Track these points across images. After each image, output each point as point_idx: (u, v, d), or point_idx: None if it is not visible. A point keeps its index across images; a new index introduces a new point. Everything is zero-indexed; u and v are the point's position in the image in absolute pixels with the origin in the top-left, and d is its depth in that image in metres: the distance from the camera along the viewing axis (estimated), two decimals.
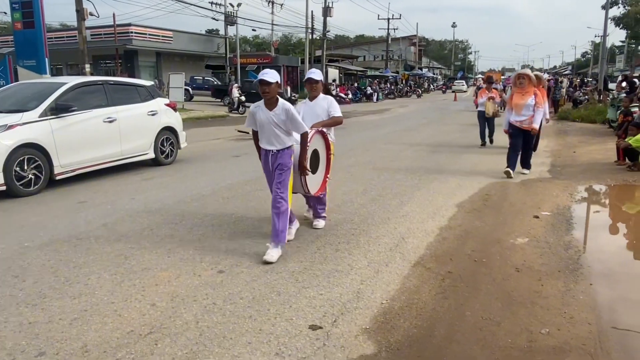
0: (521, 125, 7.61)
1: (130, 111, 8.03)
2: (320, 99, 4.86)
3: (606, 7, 24.17)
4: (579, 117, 17.53)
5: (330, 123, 4.83)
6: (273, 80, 4.09)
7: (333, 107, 4.82)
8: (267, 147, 4.23)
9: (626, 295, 3.67)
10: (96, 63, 33.22)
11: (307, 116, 4.76)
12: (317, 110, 4.83)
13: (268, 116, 4.13)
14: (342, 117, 4.94)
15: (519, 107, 7.55)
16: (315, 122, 4.70)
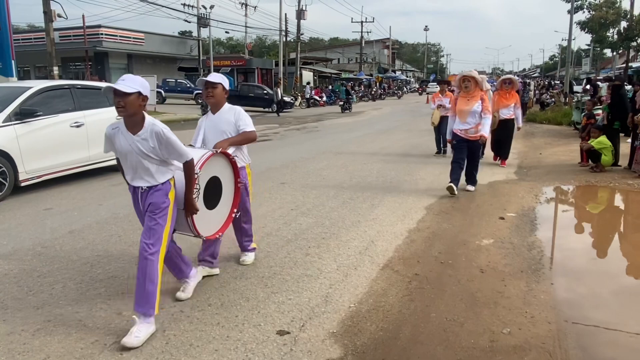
0: (466, 135, 6.65)
1: (99, 115, 7.89)
2: (225, 111, 3.87)
3: (571, 12, 24.90)
4: (545, 119, 18.00)
5: (240, 141, 3.82)
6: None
7: (243, 120, 3.83)
8: (133, 183, 3.10)
9: (585, 293, 3.81)
10: (65, 65, 32.51)
11: (209, 133, 3.83)
12: (222, 125, 3.81)
13: (131, 142, 2.95)
14: (256, 133, 3.92)
15: (463, 113, 6.60)
16: (219, 141, 3.71)
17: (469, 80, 6.63)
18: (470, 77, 6.66)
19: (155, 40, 36.32)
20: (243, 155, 3.99)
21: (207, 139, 3.85)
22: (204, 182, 3.38)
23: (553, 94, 24.87)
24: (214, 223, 3.58)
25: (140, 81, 2.91)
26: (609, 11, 26.96)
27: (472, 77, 6.65)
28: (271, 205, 6.15)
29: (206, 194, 3.42)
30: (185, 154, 3.05)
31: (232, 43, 67.75)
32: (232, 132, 3.82)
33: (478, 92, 6.63)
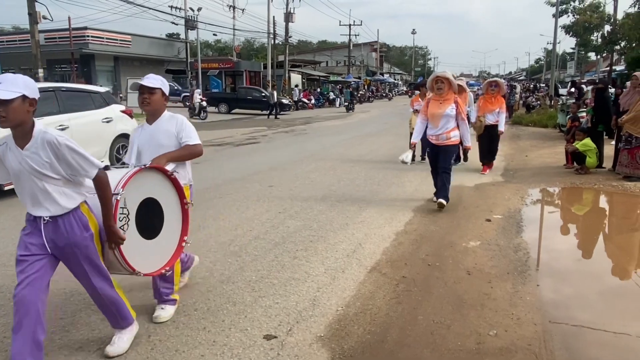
0: (437, 141, 6.09)
1: (84, 118, 7.82)
2: (164, 120, 3.25)
3: (556, 16, 25.24)
4: (531, 121, 18.19)
5: (182, 156, 3.23)
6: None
7: (186, 131, 3.23)
8: (34, 212, 2.47)
9: (570, 294, 3.84)
10: (51, 68, 32.11)
11: (145, 148, 3.23)
12: (160, 138, 3.20)
13: (20, 159, 2.37)
14: (202, 147, 3.32)
15: (435, 117, 5.99)
16: (156, 157, 3.08)
17: (442, 81, 6.00)
18: (443, 78, 6.02)
19: (143, 42, 36.07)
20: (185, 172, 3.34)
21: (142, 155, 3.21)
22: (135, 205, 2.73)
23: (539, 97, 25.16)
24: (157, 256, 2.96)
25: (24, 81, 2.36)
26: (593, 15, 27.36)
27: (445, 78, 6.02)
28: (259, 208, 6.13)
29: (140, 220, 2.77)
30: (92, 167, 2.42)
31: (220, 45, 67.54)
32: (172, 146, 3.18)
33: (452, 94, 6.04)
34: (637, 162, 7.66)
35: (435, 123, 6.03)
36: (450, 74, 6.18)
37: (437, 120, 6.01)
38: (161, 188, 2.99)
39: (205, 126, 19.24)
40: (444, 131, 6.00)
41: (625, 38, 25.53)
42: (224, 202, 6.44)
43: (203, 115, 22.17)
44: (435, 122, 6.02)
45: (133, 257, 2.68)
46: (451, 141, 6.06)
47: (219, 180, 7.84)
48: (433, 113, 6.02)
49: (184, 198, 3.13)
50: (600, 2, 28.23)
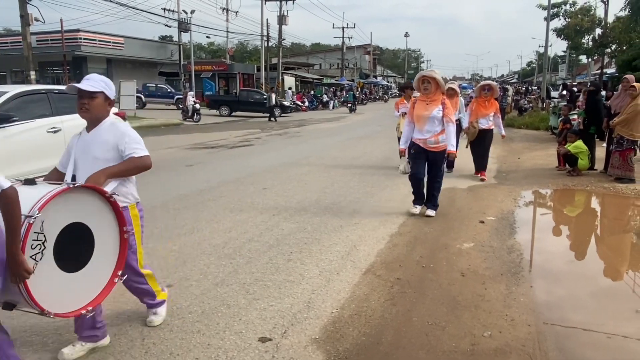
0: (425, 145, 5.71)
1: (77, 120, 7.59)
2: (103, 129, 2.77)
3: (547, 19, 25.44)
4: (523, 124, 18.32)
5: (124, 171, 2.75)
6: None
7: (129, 142, 2.75)
8: None
9: (564, 295, 3.86)
10: (43, 70, 31.93)
11: (80, 160, 2.78)
12: (95, 150, 2.74)
13: None
14: (149, 158, 2.82)
15: (421, 120, 5.65)
16: (93, 174, 2.61)
17: (428, 81, 5.61)
18: (430, 77, 5.62)
19: (135, 44, 35.97)
20: (128, 190, 2.85)
21: (77, 168, 2.78)
22: (56, 231, 2.28)
23: (530, 100, 25.33)
24: (80, 292, 2.46)
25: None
26: (584, 19, 27.60)
27: (432, 77, 5.61)
28: (253, 210, 6.12)
29: (61, 250, 2.31)
30: None
31: (213, 48, 67.46)
32: (109, 160, 2.72)
33: (439, 95, 5.68)
34: (629, 164, 7.73)
35: (421, 126, 5.68)
36: (438, 73, 5.73)
37: (423, 123, 5.65)
38: (94, 211, 2.50)
39: (198, 129, 19.20)
40: (432, 134, 5.64)
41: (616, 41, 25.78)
42: (217, 204, 6.43)
43: (196, 118, 22.11)
44: (422, 125, 5.67)
45: (44, 294, 2.20)
46: (441, 146, 5.70)
47: (213, 182, 7.82)
48: (419, 115, 5.66)
49: (125, 225, 2.64)
50: (591, 6, 28.50)
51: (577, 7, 28.39)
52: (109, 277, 2.63)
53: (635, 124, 7.60)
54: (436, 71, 5.78)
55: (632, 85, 7.67)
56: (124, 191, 2.81)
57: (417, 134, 5.75)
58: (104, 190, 2.54)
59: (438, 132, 5.65)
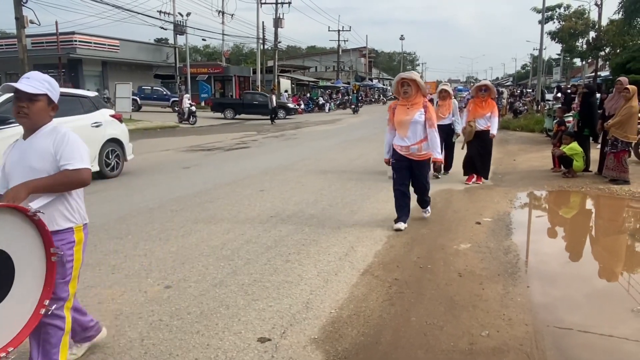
0: (407, 153, 5.31)
1: (73, 123, 7.73)
2: (41, 135, 2.39)
3: (542, 23, 25.61)
4: (519, 126, 18.42)
5: (56, 185, 2.32)
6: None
7: (66, 151, 2.34)
8: None
9: (560, 295, 3.89)
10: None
11: (14, 170, 2.39)
12: (32, 159, 2.35)
13: None
14: (88, 172, 2.38)
15: (402, 125, 5.26)
16: (15, 186, 2.23)
17: (408, 84, 5.21)
18: (409, 79, 5.21)
19: (131, 47, 35.88)
20: (70, 209, 2.40)
21: (10, 179, 2.37)
22: None
23: (525, 102, 25.47)
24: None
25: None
26: (578, 22, 27.79)
27: (412, 79, 5.22)
28: (250, 212, 6.13)
29: None
30: None
31: (209, 51, 67.45)
32: (47, 170, 2.32)
33: (420, 98, 5.30)
34: (623, 166, 7.79)
35: (403, 132, 5.26)
36: (417, 75, 5.38)
37: (405, 129, 5.24)
38: (13, 233, 2.10)
39: (194, 131, 19.19)
40: (415, 141, 5.23)
41: (610, 44, 25.96)
42: (215, 206, 6.43)
43: (192, 120, 22.10)
44: (404, 131, 5.25)
45: None
46: (424, 154, 5.34)
47: (210, 184, 7.82)
48: (400, 120, 5.26)
49: (51, 246, 2.23)
50: (585, 9, 28.71)
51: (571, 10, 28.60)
52: (33, 310, 2.22)
53: (629, 126, 7.66)
54: (415, 73, 5.44)
55: (625, 88, 7.73)
56: (61, 211, 2.36)
57: (399, 140, 5.32)
58: (24, 207, 2.11)
59: (421, 138, 5.26)
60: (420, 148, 5.28)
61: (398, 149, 5.32)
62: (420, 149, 5.28)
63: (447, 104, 8.50)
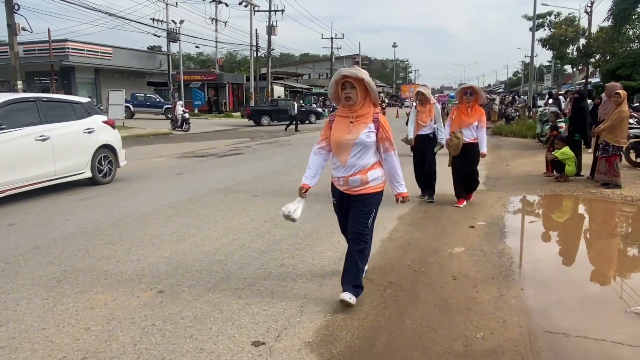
0: (346, 188, 3.60)
1: (65, 129, 7.73)
2: None
3: (533, 30, 25.87)
4: (511, 132, 18.52)
5: None
6: None
7: None
8: None
9: (554, 298, 3.89)
10: (30, 80, 31.65)
11: None
12: None
13: None
14: None
15: (341, 148, 3.53)
16: None
17: (352, 85, 3.44)
18: (354, 79, 3.42)
19: (124, 54, 35.81)
20: None
21: None
22: None
23: (517, 108, 25.67)
24: None
25: None
26: (569, 29, 28.13)
27: (357, 79, 3.41)
28: (244, 217, 6.11)
29: None
30: None
31: (202, 58, 67.52)
32: None
33: (370, 108, 3.53)
34: (615, 170, 7.85)
35: (342, 157, 3.51)
36: (365, 73, 3.48)
37: (344, 153, 3.49)
38: None
39: (187, 138, 19.14)
40: (357, 170, 3.48)
41: (600, 51, 26.26)
42: (208, 211, 6.40)
43: (185, 127, 22.06)
44: (343, 156, 3.51)
45: None
46: (370, 187, 3.52)
47: (203, 190, 7.80)
48: (338, 140, 3.50)
49: None
50: (575, 17, 29.08)
51: (562, 17, 28.96)
52: None
53: (620, 130, 7.73)
54: (363, 71, 3.49)
55: (616, 93, 7.81)
56: None
57: (337, 169, 3.58)
58: None
59: (367, 166, 3.49)
60: (364, 179, 3.48)
61: (336, 183, 3.66)
62: (364, 180, 3.48)
63: (428, 110, 7.00)
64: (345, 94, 3.48)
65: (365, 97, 3.51)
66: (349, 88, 3.46)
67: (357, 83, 3.45)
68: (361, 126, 3.49)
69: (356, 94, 3.47)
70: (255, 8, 37.04)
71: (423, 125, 7.00)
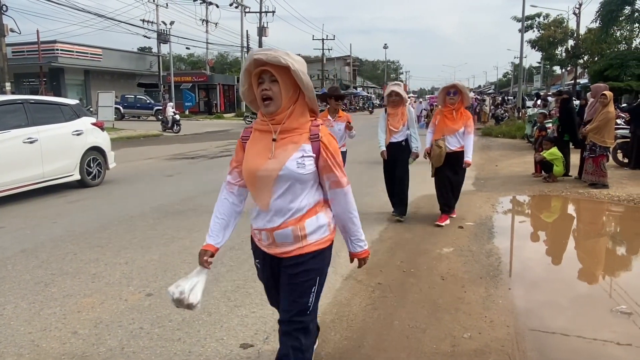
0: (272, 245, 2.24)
1: (53, 131, 7.67)
2: None
3: (522, 31, 26.09)
4: (500, 133, 18.66)
5: None
6: None
7: None
8: None
9: (541, 297, 3.93)
10: (18, 81, 31.36)
11: None
12: None
13: None
14: None
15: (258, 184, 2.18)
16: None
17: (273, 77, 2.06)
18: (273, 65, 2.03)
19: (114, 55, 35.64)
20: None
21: None
22: None
23: (507, 109, 25.87)
24: None
25: None
26: (557, 30, 28.39)
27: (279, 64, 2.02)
28: None
29: None
30: None
31: (193, 59, 67.20)
32: None
33: (305, 119, 2.16)
34: (602, 170, 7.94)
35: (261, 198, 2.21)
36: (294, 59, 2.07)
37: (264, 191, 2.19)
38: None
39: (178, 139, 19.05)
40: (287, 219, 2.18)
41: (588, 52, 26.52)
42: (197, 213, 6.38)
43: (176, 129, 21.96)
44: (262, 196, 2.20)
45: None
46: (310, 245, 2.21)
47: (193, 192, 7.77)
48: (253, 171, 2.17)
49: None
50: (564, 18, 29.35)
51: (551, 19, 29.21)
52: None
53: (606, 131, 7.82)
54: (295, 56, 2.10)
55: (602, 94, 7.90)
56: None
57: (257, 219, 2.30)
58: None
59: (306, 209, 2.18)
60: (301, 231, 2.17)
61: (256, 238, 2.38)
62: (301, 233, 2.17)
63: (400, 113, 5.90)
64: (261, 91, 2.07)
65: (295, 99, 2.11)
66: (267, 82, 2.06)
67: (279, 74, 2.04)
68: (290, 148, 2.08)
69: (279, 93, 2.05)
70: (246, 9, 37.00)
71: (395, 132, 5.95)
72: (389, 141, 6.02)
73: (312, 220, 2.19)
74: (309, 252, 2.21)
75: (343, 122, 6.07)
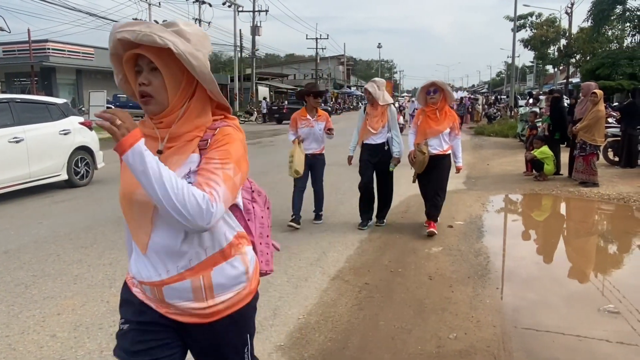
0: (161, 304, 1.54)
1: (40, 130, 7.57)
2: None
3: (514, 31, 26.16)
4: (493, 131, 18.68)
5: None
6: None
7: None
8: None
9: (529, 296, 3.90)
10: (9, 81, 31.15)
11: None
12: None
13: None
14: None
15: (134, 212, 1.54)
16: None
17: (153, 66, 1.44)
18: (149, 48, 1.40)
19: (106, 55, 34.42)
20: None
21: None
22: None
23: (499, 108, 25.93)
24: None
25: None
26: (550, 30, 28.47)
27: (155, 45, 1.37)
28: None
29: None
30: None
31: None
32: None
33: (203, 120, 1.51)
34: (592, 169, 7.94)
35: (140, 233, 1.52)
36: (184, 34, 1.43)
37: (143, 224, 1.50)
38: None
39: None
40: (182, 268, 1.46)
41: (580, 51, 26.61)
42: None
43: None
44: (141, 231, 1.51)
45: None
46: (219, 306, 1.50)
47: None
48: (129, 194, 1.52)
49: None
50: (556, 17, 29.45)
51: (543, 18, 29.29)
52: None
53: (597, 129, 7.82)
54: (184, 27, 1.47)
55: (593, 92, 7.90)
56: None
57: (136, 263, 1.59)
58: None
59: (212, 252, 1.48)
60: (204, 285, 1.47)
61: (135, 288, 1.66)
62: (204, 288, 1.48)
63: (380, 113, 5.46)
64: (139, 85, 1.50)
65: (190, 93, 1.51)
66: (146, 72, 1.48)
67: (160, 59, 1.44)
68: (173, 161, 1.45)
69: (161, 86, 1.47)
70: (239, 8, 36.82)
71: (373, 133, 5.50)
72: (366, 142, 5.60)
73: (221, 269, 1.50)
74: (220, 319, 1.52)
75: (323, 121, 5.74)
